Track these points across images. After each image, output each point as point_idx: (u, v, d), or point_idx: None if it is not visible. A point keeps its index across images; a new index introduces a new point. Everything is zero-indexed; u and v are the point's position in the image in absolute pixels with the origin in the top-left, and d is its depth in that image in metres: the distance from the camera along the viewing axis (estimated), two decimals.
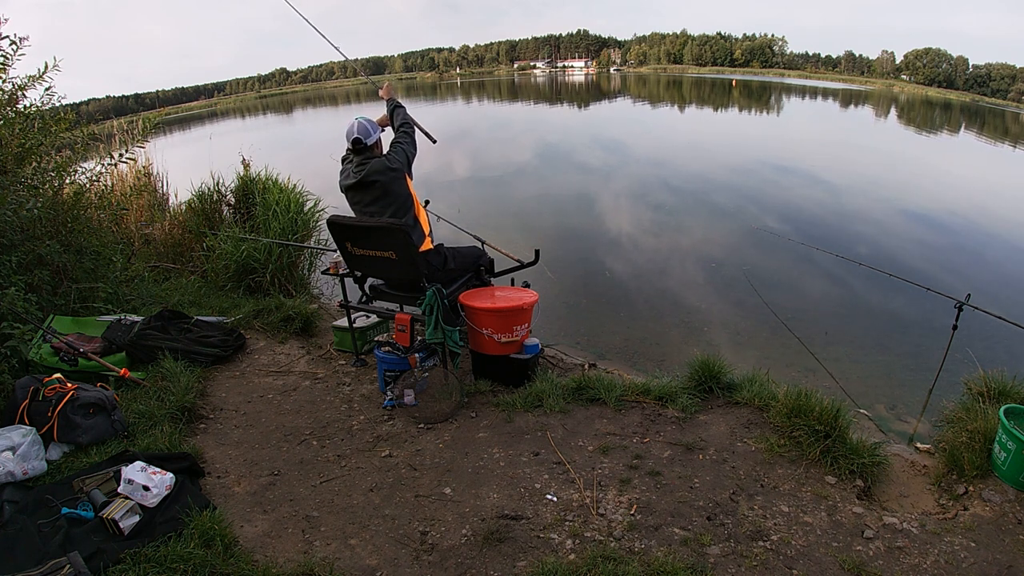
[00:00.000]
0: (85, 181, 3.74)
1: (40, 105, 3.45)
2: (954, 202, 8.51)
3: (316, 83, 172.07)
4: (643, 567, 1.73)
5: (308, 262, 5.01)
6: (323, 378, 3.11)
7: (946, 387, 2.94)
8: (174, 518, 1.89)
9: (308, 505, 2.10)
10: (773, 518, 1.96)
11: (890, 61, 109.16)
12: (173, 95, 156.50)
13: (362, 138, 2.77)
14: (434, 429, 2.58)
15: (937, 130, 23.66)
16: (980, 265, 5.92)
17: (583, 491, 2.10)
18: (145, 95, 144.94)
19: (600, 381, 2.79)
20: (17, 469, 2.06)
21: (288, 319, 3.68)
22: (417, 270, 2.71)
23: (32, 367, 2.70)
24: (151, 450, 2.27)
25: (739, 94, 42.07)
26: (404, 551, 1.87)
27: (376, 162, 2.77)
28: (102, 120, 8.25)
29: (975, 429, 2.23)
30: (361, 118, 2.84)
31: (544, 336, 3.58)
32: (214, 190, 5.38)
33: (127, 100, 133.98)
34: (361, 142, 2.77)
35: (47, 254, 3.18)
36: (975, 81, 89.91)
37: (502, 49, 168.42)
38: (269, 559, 1.83)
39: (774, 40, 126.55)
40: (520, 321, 2.80)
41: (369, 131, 2.80)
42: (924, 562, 1.77)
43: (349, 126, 2.80)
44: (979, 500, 2.03)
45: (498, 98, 43.22)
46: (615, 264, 5.80)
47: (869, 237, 6.50)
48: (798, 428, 2.32)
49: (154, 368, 2.92)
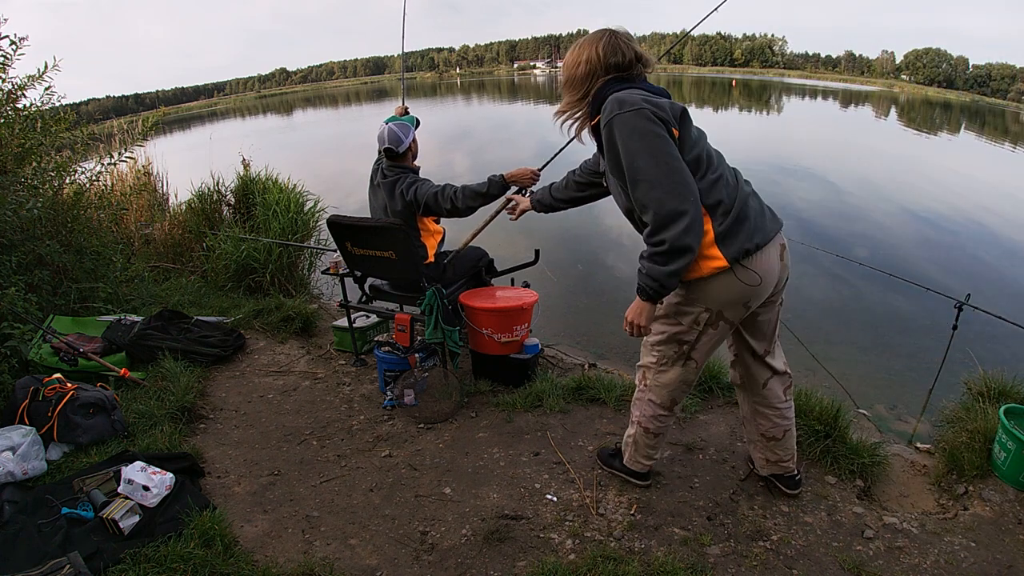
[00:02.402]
0: (85, 181, 3.74)
1: (40, 105, 3.45)
2: (954, 202, 8.51)
3: (316, 83, 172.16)
4: (643, 567, 1.73)
5: (308, 262, 5.01)
6: (323, 378, 3.11)
7: (946, 387, 2.94)
8: (174, 518, 1.89)
9: (308, 505, 2.10)
10: (773, 518, 1.96)
11: (890, 61, 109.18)
12: (173, 95, 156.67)
13: (393, 147, 2.73)
14: (434, 429, 2.58)
15: (937, 130, 23.67)
16: (980, 265, 5.92)
17: (583, 491, 2.10)
18: (145, 95, 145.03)
19: (600, 381, 2.79)
20: (17, 469, 2.06)
21: (288, 319, 3.68)
22: (417, 270, 2.71)
23: (32, 367, 2.70)
24: (151, 450, 2.27)
25: (739, 94, 42.09)
26: (404, 551, 1.87)
27: (402, 181, 2.71)
28: (102, 120, 8.26)
29: (975, 429, 2.23)
30: (392, 123, 2.76)
31: (544, 336, 3.58)
32: (214, 190, 5.38)
33: (127, 100, 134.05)
34: (393, 151, 2.74)
35: (47, 254, 3.18)
36: (975, 81, 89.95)
37: (502, 49, 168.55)
38: (269, 559, 1.83)
39: (774, 40, 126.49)
40: (520, 321, 2.80)
41: (400, 139, 2.73)
42: (924, 562, 1.78)
43: (380, 132, 2.76)
44: (979, 500, 2.03)
45: (498, 98, 43.23)
46: (615, 264, 5.81)
47: (869, 237, 6.50)
48: (798, 428, 2.32)
49: (154, 368, 2.92)
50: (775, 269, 1.64)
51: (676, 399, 1.90)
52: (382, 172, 2.82)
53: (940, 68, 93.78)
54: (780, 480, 2.05)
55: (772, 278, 1.64)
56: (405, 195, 2.71)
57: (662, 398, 1.90)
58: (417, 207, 2.72)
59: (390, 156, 2.77)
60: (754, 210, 1.62)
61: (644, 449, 2.02)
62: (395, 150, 2.74)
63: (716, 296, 1.64)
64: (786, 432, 1.97)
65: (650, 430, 1.97)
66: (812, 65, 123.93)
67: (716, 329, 1.71)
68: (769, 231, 1.62)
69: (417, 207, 2.72)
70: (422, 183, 2.73)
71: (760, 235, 1.59)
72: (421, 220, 2.83)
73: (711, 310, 1.66)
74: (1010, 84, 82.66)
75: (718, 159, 1.64)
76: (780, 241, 1.67)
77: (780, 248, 1.67)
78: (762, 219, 1.63)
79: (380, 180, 2.82)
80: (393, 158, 2.78)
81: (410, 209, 2.75)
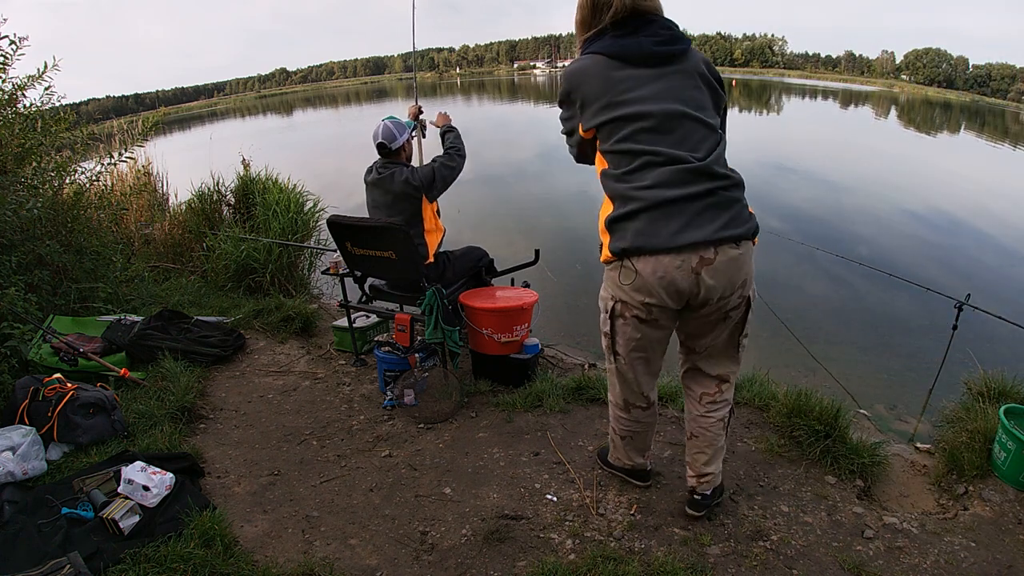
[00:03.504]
0: (85, 181, 3.74)
1: (40, 105, 3.45)
2: (954, 202, 8.51)
3: (316, 83, 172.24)
4: (643, 567, 1.73)
5: (308, 262, 5.02)
6: (323, 378, 3.11)
7: (946, 387, 2.94)
8: (174, 518, 1.89)
9: (308, 505, 2.10)
10: (773, 518, 1.96)
11: (890, 61, 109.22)
12: (173, 95, 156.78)
13: (387, 143, 2.76)
14: (434, 429, 2.58)
15: (937, 130, 23.67)
16: (980, 265, 5.92)
17: (583, 491, 2.10)
18: (145, 95, 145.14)
19: (600, 381, 2.79)
20: (17, 469, 2.06)
21: (288, 319, 3.68)
22: (417, 270, 2.71)
23: (32, 367, 2.70)
24: (151, 450, 2.27)
25: (739, 93, 42.08)
26: (404, 551, 1.87)
27: (399, 172, 2.74)
28: (102, 120, 8.26)
29: (975, 429, 2.23)
30: (388, 120, 2.80)
31: (544, 336, 3.58)
32: (214, 190, 5.39)
33: (127, 100, 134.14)
34: (386, 147, 2.77)
35: (47, 254, 3.18)
36: (975, 81, 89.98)
37: (502, 49, 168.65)
38: (269, 559, 1.83)
39: (774, 40, 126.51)
40: (520, 321, 2.80)
41: (395, 135, 2.77)
42: (924, 562, 1.78)
43: (375, 128, 2.79)
44: (979, 500, 2.03)
45: (498, 98, 43.23)
46: None
47: (869, 237, 6.50)
48: (798, 428, 2.33)
49: (154, 368, 2.92)
50: (669, 279, 1.52)
51: (627, 399, 1.84)
52: (376, 170, 2.82)
53: (940, 68, 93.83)
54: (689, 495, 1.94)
55: (664, 286, 1.53)
56: (412, 181, 2.72)
57: (615, 397, 1.90)
58: (431, 182, 2.74)
59: (384, 152, 2.79)
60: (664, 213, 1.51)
61: (623, 449, 2.01)
62: (388, 146, 2.76)
63: (610, 286, 1.65)
64: (693, 437, 1.85)
65: (617, 431, 1.96)
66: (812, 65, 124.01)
67: (626, 323, 1.65)
68: (672, 241, 1.49)
69: (431, 182, 2.74)
70: (425, 166, 2.81)
71: (651, 240, 1.51)
72: (425, 212, 2.80)
73: (616, 298, 1.65)
74: (1010, 84, 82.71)
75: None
76: (700, 253, 1.50)
77: (692, 260, 1.50)
78: (668, 224, 1.50)
79: (375, 177, 2.81)
80: (387, 154, 2.79)
81: (417, 195, 2.73)
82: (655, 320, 1.63)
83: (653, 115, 1.54)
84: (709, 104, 1.60)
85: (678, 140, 1.54)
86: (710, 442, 1.83)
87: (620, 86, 1.57)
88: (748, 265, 1.58)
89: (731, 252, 1.52)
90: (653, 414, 1.92)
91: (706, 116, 1.58)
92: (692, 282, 1.52)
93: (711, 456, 1.84)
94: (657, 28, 1.57)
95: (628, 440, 1.97)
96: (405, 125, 2.86)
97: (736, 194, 1.56)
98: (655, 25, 1.58)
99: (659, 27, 1.58)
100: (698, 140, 1.55)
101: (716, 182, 1.52)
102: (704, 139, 1.56)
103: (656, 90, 1.56)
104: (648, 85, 1.56)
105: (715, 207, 1.52)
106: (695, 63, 1.60)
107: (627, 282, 1.58)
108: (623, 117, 1.56)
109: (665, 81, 1.57)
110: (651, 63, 1.57)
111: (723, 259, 1.51)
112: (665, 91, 1.56)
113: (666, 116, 1.54)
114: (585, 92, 1.62)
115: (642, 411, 1.89)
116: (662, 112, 1.54)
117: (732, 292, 1.57)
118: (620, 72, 1.58)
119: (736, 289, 1.57)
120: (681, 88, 1.57)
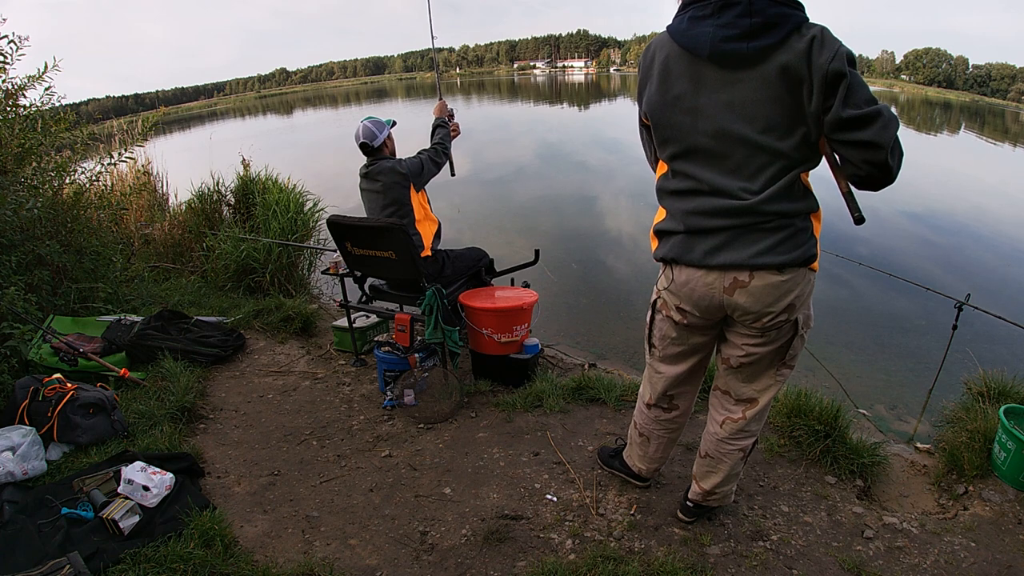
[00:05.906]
0: (85, 181, 3.74)
1: (40, 105, 3.46)
2: (954, 202, 8.51)
3: (316, 83, 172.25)
4: (643, 567, 1.73)
5: (308, 262, 5.02)
6: (323, 378, 3.11)
7: (946, 387, 2.94)
8: (174, 518, 1.89)
9: (308, 505, 2.10)
10: (773, 518, 1.96)
11: (890, 61, 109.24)
12: (173, 95, 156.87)
13: (368, 142, 2.84)
14: (434, 429, 2.58)
15: (937, 130, 23.67)
16: (980, 265, 5.92)
17: (583, 491, 2.10)
18: (145, 95, 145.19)
19: (600, 381, 2.79)
20: (17, 469, 2.06)
21: (288, 319, 3.68)
22: (417, 270, 2.71)
23: (32, 367, 2.70)
24: (151, 450, 2.27)
25: None
26: (404, 551, 1.87)
27: (385, 162, 2.83)
28: (102, 120, 8.26)
29: (975, 429, 2.23)
30: (367, 120, 2.88)
31: (544, 336, 3.58)
32: (214, 190, 5.39)
33: (127, 100, 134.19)
34: (368, 146, 2.85)
35: (47, 254, 3.18)
36: (975, 81, 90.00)
37: (502, 49, 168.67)
38: (269, 559, 1.83)
39: None
40: (520, 321, 2.80)
41: (375, 133, 2.85)
42: (924, 562, 1.78)
43: (356, 130, 2.87)
44: (979, 500, 2.03)
45: (498, 98, 43.22)
46: (615, 264, 5.80)
47: (869, 237, 6.50)
48: (798, 428, 2.33)
49: (154, 368, 2.92)
50: (700, 294, 1.52)
51: (653, 391, 1.83)
52: (365, 166, 2.91)
53: (940, 68, 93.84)
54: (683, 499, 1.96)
55: (694, 299, 1.54)
56: (399, 168, 2.79)
57: (642, 390, 1.90)
58: (420, 171, 2.84)
59: (367, 151, 2.87)
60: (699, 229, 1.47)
61: (635, 447, 2.02)
62: (370, 144, 2.84)
63: (659, 282, 1.67)
64: (708, 457, 1.81)
65: (635, 426, 1.97)
66: None
67: (663, 319, 1.68)
68: (705, 260, 1.47)
69: (420, 171, 2.84)
70: (411, 157, 2.90)
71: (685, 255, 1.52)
72: (414, 200, 2.85)
73: (659, 294, 1.66)
74: (1010, 84, 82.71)
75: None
76: (734, 275, 1.45)
77: (725, 280, 1.47)
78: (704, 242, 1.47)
79: (363, 171, 2.90)
80: (370, 152, 2.87)
81: (404, 183, 2.79)
82: (689, 325, 1.64)
83: (708, 135, 1.38)
84: (783, 121, 1.32)
85: (732, 168, 1.39)
86: (723, 465, 1.78)
87: (677, 88, 1.39)
88: (796, 291, 1.45)
89: (771, 278, 1.42)
90: (675, 423, 1.89)
91: (773, 139, 1.33)
92: (721, 300, 1.50)
93: (723, 478, 1.80)
94: (739, 14, 1.28)
95: (643, 442, 1.96)
96: (384, 123, 2.93)
97: (785, 222, 1.40)
98: (739, 8, 1.28)
99: (742, 12, 1.27)
100: (756, 169, 1.37)
101: (760, 219, 1.39)
102: (763, 168, 1.36)
103: (719, 103, 1.35)
104: (711, 93, 1.35)
105: (757, 231, 1.40)
106: (785, 60, 1.26)
107: (666, 285, 1.61)
108: (676, 132, 1.43)
109: (733, 91, 1.33)
110: (721, 63, 1.32)
111: (759, 284, 1.43)
112: (728, 106, 1.34)
113: (722, 138, 1.37)
114: (645, 80, 1.48)
115: (663, 412, 1.86)
116: (718, 133, 1.36)
117: (769, 313, 1.48)
118: (683, 66, 1.38)
119: (776, 311, 1.47)
120: (752, 103, 1.32)
